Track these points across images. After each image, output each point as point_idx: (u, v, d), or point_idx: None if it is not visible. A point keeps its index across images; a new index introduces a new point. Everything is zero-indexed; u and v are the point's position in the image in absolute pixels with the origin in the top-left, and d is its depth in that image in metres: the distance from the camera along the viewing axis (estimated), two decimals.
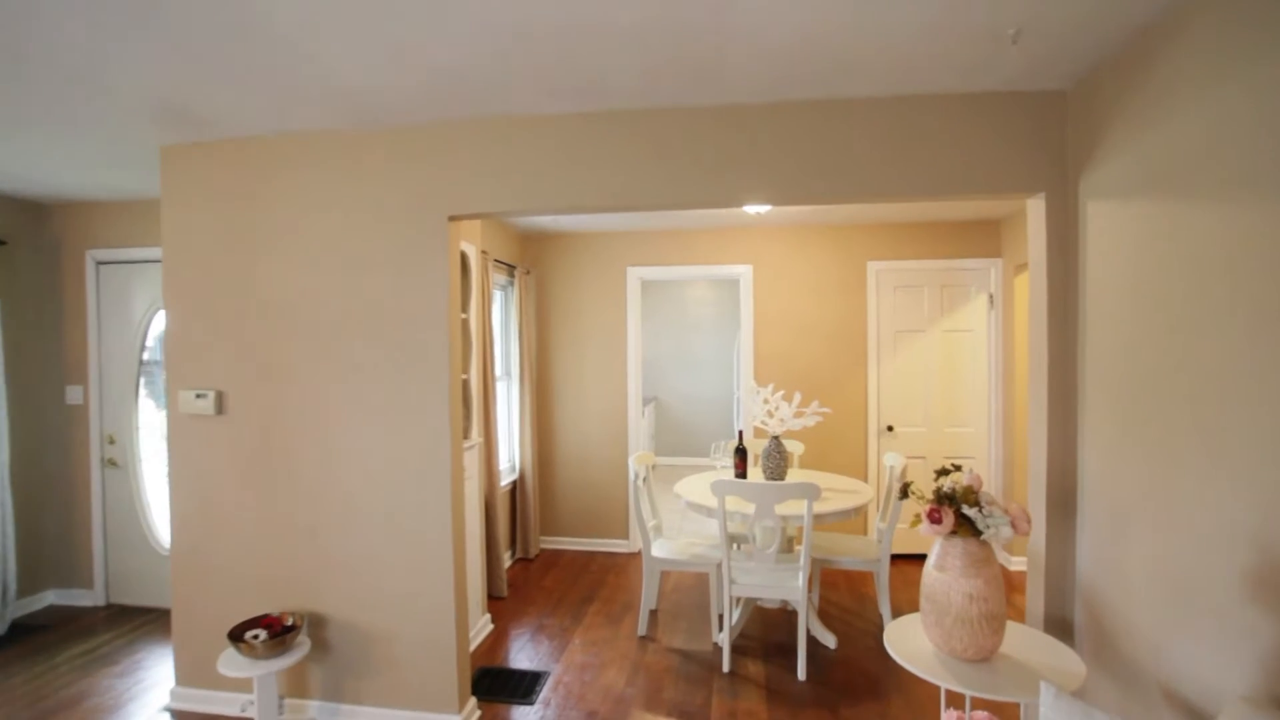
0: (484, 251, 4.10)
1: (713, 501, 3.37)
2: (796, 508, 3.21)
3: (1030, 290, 2.53)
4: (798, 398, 3.64)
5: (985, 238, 4.90)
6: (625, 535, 5.29)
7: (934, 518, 1.85)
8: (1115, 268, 2.10)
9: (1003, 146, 2.41)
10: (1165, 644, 1.82)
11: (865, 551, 3.67)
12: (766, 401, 3.70)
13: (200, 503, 2.95)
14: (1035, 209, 2.49)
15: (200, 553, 2.96)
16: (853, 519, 3.41)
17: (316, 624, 2.86)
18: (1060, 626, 2.40)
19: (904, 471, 3.58)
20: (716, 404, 8.78)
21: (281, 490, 2.87)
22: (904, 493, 2.10)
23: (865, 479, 4.99)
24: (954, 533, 1.87)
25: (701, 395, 8.83)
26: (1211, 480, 1.63)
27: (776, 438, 3.69)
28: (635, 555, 5.18)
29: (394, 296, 2.77)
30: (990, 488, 4.92)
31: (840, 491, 3.62)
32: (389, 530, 2.80)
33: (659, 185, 2.59)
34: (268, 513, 2.89)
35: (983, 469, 4.92)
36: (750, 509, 3.22)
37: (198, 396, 2.88)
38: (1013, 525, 1.83)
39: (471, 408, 3.65)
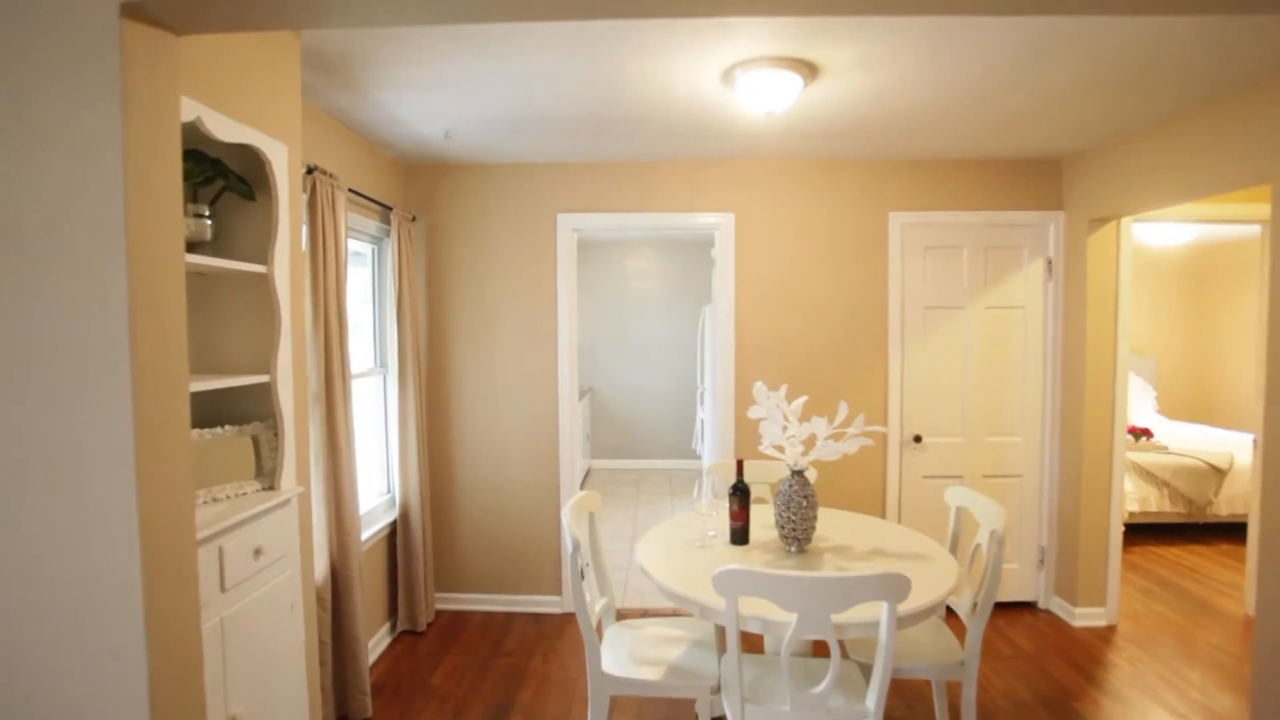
0: (322, 170, 2.49)
1: (706, 595, 1.93)
2: (866, 613, 1.81)
3: None
4: (844, 410, 2.24)
5: (1042, 183, 3.64)
6: (557, 589, 3.80)
7: None
8: None
9: None
10: None
11: (942, 652, 2.31)
12: (788, 420, 2.27)
13: None
14: None
15: None
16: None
17: None
18: None
19: (1003, 535, 2.24)
20: (668, 399, 7.36)
21: None
22: None
23: (883, 513, 3.68)
24: None
25: (648, 388, 7.38)
26: None
27: (801, 473, 2.29)
28: (572, 618, 3.71)
29: None
30: (1043, 518, 3.70)
31: (900, 558, 2.26)
32: None
33: None
34: None
35: (1033, 492, 3.71)
36: (786, 617, 1.79)
37: None
38: None
39: (284, 432, 2.06)
